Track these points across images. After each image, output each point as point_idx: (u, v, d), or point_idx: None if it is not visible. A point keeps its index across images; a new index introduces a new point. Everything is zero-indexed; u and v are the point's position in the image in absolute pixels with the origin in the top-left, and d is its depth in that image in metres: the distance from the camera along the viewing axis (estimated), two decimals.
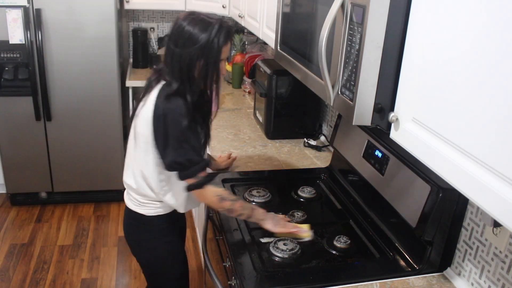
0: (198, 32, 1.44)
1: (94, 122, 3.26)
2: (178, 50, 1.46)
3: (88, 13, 3.01)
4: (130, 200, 1.69)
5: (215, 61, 1.48)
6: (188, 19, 1.47)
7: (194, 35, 1.44)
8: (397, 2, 1.02)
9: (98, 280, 2.74)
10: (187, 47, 1.44)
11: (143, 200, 1.64)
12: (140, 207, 1.66)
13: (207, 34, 1.44)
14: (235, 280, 1.43)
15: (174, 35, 1.47)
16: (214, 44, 1.45)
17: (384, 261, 1.52)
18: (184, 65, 1.46)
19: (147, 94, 1.52)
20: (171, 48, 1.48)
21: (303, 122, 2.47)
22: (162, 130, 1.46)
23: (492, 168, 0.79)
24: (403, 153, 1.55)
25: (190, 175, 1.50)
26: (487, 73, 0.79)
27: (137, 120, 1.53)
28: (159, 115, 1.45)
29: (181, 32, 1.45)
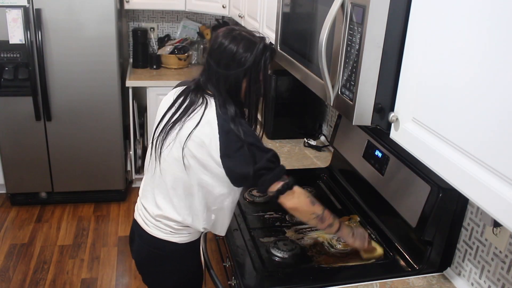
0: (242, 52, 1.38)
1: (94, 122, 3.26)
2: (221, 71, 1.40)
3: (88, 13, 3.01)
4: (157, 229, 1.51)
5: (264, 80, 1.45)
6: (229, 36, 1.40)
7: (238, 56, 1.38)
8: (397, 2, 1.02)
9: (98, 280, 2.74)
10: (232, 69, 1.39)
11: (176, 226, 1.49)
12: (171, 235, 1.50)
13: (252, 54, 1.39)
14: (235, 280, 1.43)
15: (216, 54, 1.41)
16: (261, 65, 1.41)
17: (384, 261, 1.52)
18: (232, 85, 1.41)
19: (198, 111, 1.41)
20: (213, 68, 1.41)
21: (303, 122, 2.47)
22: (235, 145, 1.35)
23: (492, 168, 0.79)
24: (403, 153, 1.55)
25: (277, 176, 1.37)
26: (487, 73, 0.79)
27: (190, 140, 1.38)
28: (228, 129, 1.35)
29: (223, 51, 1.39)
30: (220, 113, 1.38)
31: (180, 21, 3.91)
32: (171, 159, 1.42)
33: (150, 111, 3.38)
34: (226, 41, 1.39)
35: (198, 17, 3.94)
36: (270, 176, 1.36)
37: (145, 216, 1.54)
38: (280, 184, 1.37)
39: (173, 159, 1.42)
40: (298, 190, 1.40)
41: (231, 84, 1.40)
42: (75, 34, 3.04)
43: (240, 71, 1.38)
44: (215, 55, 1.40)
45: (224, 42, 1.39)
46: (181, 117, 1.42)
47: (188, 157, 1.39)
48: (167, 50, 3.69)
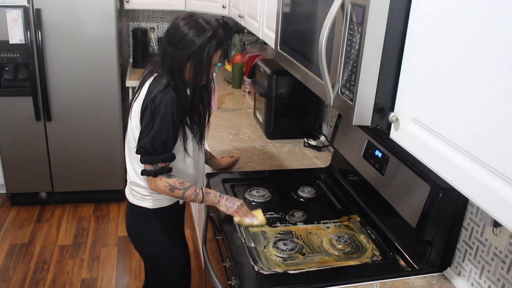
0: (191, 36, 1.49)
1: (94, 122, 3.26)
2: (170, 49, 1.52)
3: (88, 13, 3.01)
4: (132, 195, 1.72)
5: (206, 67, 1.54)
6: (185, 20, 1.52)
7: (187, 38, 1.49)
8: (397, 2, 1.02)
9: (98, 280, 2.74)
10: (179, 49, 1.50)
11: (145, 192, 1.68)
12: (142, 201, 1.70)
13: (199, 39, 1.49)
14: (235, 280, 1.43)
15: (170, 33, 1.53)
16: (205, 52, 1.51)
17: (384, 261, 1.52)
18: (175, 65, 1.52)
19: (142, 86, 1.60)
20: (165, 45, 1.54)
21: (303, 122, 2.47)
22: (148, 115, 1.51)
23: (492, 168, 0.79)
24: (403, 153, 1.55)
25: (150, 161, 1.55)
26: (488, 73, 0.79)
27: (132, 111, 1.60)
28: (149, 101, 1.51)
29: (176, 31, 1.51)
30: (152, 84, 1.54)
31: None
32: (128, 129, 1.64)
33: None
34: (181, 22, 1.52)
35: None
36: (146, 158, 1.55)
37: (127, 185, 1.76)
38: (149, 167, 1.57)
39: (129, 129, 1.64)
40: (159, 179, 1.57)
41: (175, 63, 1.52)
42: (75, 34, 3.04)
43: (185, 53, 1.50)
44: (168, 34, 1.54)
45: (179, 23, 1.52)
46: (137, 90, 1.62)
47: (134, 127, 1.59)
48: None
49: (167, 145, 1.55)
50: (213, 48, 1.52)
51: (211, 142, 2.35)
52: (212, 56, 1.53)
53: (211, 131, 2.51)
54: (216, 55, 1.55)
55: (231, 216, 1.66)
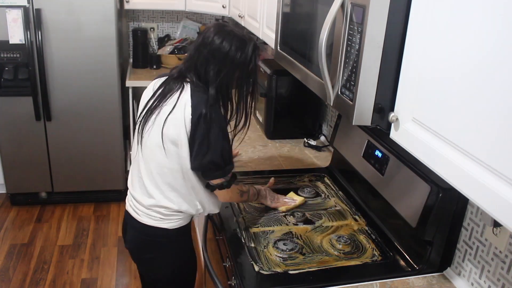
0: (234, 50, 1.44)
1: (94, 122, 3.26)
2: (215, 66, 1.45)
3: (88, 13, 3.01)
4: (147, 216, 1.55)
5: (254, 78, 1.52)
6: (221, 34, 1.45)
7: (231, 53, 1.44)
8: (397, 2, 1.02)
9: (98, 280, 2.74)
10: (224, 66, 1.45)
11: (167, 213, 1.53)
12: (161, 222, 1.54)
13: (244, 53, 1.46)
14: (235, 280, 1.43)
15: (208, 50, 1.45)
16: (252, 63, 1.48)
17: (384, 261, 1.52)
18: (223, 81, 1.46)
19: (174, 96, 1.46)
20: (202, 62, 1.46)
21: (303, 122, 2.47)
22: (203, 129, 1.41)
23: (492, 168, 0.79)
24: (403, 153, 1.55)
25: (223, 174, 1.49)
26: (488, 73, 0.79)
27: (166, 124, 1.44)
28: (201, 114, 1.40)
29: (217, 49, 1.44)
30: (194, 94, 1.44)
31: (180, 21, 3.91)
32: (152, 145, 1.48)
33: None
34: (218, 38, 1.44)
35: (198, 17, 3.94)
36: (217, 173, 1.48)
37: (136, 206, 1.57)
38: (221, 181, 1.51)
39: (154, 145, 1.47)
40: (233, 188, 1.57)
41: (222, 80, 1.45)
42: (75, 34, 3.04)
43: (231, 69, 1.45)
44: (207, 51, 1.45)
45: (216, 39, 1.44)
46: (158, 103, 1.47)
47: (167, 141, 1.44)
48: (167, 50, 3.69)
49: (231, 154, 1.52)
50: (258, 57, 1.51)
51: None
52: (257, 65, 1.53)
53: None
54: None
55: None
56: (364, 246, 1.58)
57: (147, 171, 1.52)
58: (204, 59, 1.45)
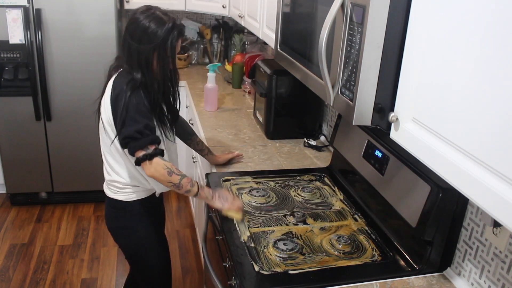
0: (153, 28, 1.55)
1: (94, 122, 3.25)
2: (134, 44, 1.58)
3: (88, 13, 3.01)
4: (108, 189, 1.78)
5: (171, 56, 1.62)
6: (144, 13, 1.58)
7: (149, 31, 1.55)
8: (397, 2, 1.02)
9: (98, 280, 2.74)
10: (143, 43, 1.56)
11: (120, 185, 1.73)
12: (118, 194, 1.75)
13: (162, 31, 1.56)
14: (235, 280, 1.43)
15: (131, 28, 1.59)
16: (168, 42, 1.58)
17: (384, 261, 1.52)
18: (142, 59, 1.58)
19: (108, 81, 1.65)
20: (128, 41, 1.60)
21: (303, 122, 2.47)
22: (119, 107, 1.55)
23: (492, 168, 0.79)
24: (403, 153, 1.55)
25: (139, 146, 1.55)
26: (487, 73, 0.79)
27: (100, 107, 1.65)
28: (117, 94, 1.56)
29: (137, 26, 1.57)
30: (117, 78, 1.60)
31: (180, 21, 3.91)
32: (99, 127, 1.71)
33: None
34: (141, 16, 1.57)
35: (198, 17, 3.94)
36: (134, 145, 1.55)
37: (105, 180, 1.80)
38: (141, 153, 1.56)
39: (100, 127, 1.70)
40: (156, 161, 1.57)
41: (142, 57, 1.58)
42: (75, 34, 3.04)
43: (150, 46, 1.56)
44: (130, 29, 1.59)
45: (139, 17, 1.57)
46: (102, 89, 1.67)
47: (104, 123, 1.63)
48: None
49: (151, 127, 1.58)
50: (175, 38, 1.60)
51: (211, 142, 2.36)
52: (175, 45, 1.61)
53: (212, 132, 2.51)
54: (178, 44, 1.63)
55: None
56: (364, 246, 1.58)
57: (102, 151, 1.74)
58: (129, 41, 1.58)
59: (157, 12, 1.59)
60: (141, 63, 1.58)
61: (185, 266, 2.90)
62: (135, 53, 1.58)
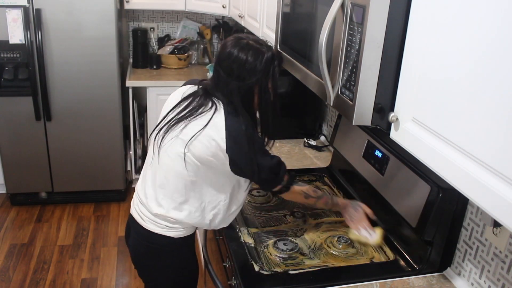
0: (251, 61, 1.40)
1: (94, 122, 3.26)
2: (233, 82, 1.41)
3: (88, 13, 3.01)
4: (153, 223, 1.53)
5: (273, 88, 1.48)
6: (237, 46, 1.42)
7: (247, 66, 1.40)
8: (397, 2, 1.02)
9: (98, 280, 2.74)
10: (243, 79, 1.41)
11: (172, 222, 1.52)
12: (167, 230, 1.53)
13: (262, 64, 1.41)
14: (235, 280, 1.43)
15: (225, 64, 1.42)
16: (270, 73, 1.44)
17: (384, 261, 1.52)
18: (244, 96, 1.43)
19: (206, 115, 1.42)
20: (223, 77, 1.43)
21: (303, 122, 2.47)
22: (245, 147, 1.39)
23: (492, 168, 0.79)
24: (403, 153, 1.55)
25: (278, 182, 1.50)
26: (487, 73, 0.79)
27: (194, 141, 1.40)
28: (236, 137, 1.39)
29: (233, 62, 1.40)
30: (228, 116, 1.40)
31: (180, 21, 3.91)
32: (173, 155, 1.44)
33: (150, 111, 3.38)
34: (235, 50, 1.40)
35: (198, 17, 3.94)
36: (273, 184, 1.51)
37: (142, 212, 1.55)
38: (279, 187, 1.51)
39: (175, 155, 1.44)
40: (293, 189, 1.55)
41: (244, 94, 1.42)
42: (75, 34, 3.04)
43: (251, 81, 1.41)
44: (225, 65, 1.42)
45: (233, 51, 1.40)
46: (187, 116, 1.44)
47: (191, 156, 1.41)
48: (167, 50, 3.69)
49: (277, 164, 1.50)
50: (277, 67, 1.46)
51: None
52: (277, 76, 1.48)
53: None
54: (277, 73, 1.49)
55: None
56: (364, 246, 1.58)
57: (162, 180, 1.49)
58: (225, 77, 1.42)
59: (250, 42, 1.43)
60: (243, 100, 1.43)
61: None
62: (235, 91, 1.41)
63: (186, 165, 1.43)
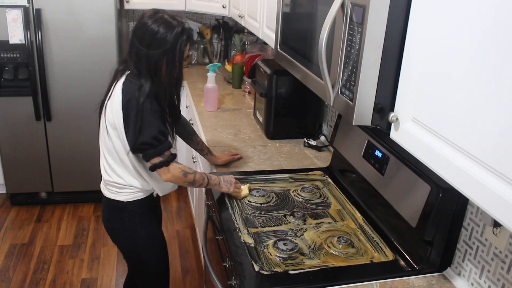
0: (162, 33, 1.54)
1: (94, 122, 3.24)
2: (143, 49, 1.56)
3: (88, 13, 3.01)
4: (106, 189, 1.77)
5: (179, 61, 1.61)
6: (152, 18, 1.56)
7: (158, 36, 1.54)
8: (397, 2, 1.02)
9: (98, 280, 2.74)
10: (152, 48, 1.55)
11: (119, 186, 1.72)
12: (117, 195, 1.74)
13: (171, 36, 1.55)
14: (235, 280, 1.43)
15: (139, 33, 1.57)
16: (177, 47, 1.57)
17: (384, 261, 1.52)
18: (151, 64, 1.57)
19: (114, 84, 1.63)
20: (136, 45, 1.58)
21: (303, 122, 2.47)
22: (133, 113, 1.54)
23: (492, 168, 0.79)
24: (403, 153, 1.55)
25: (157, 153, 1.58)
26: (487, 73, 0.79)
27: (106, 109, 1.63)
28: (129, 99, 1.55)
29: (146, 31, 1.55)
30: (127, 82, 1.58)
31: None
32: (101, 128, 1.70)
33: None
34: (149, 21, 1.56)
35: (198, 17, 3.94)
36: (151, 151, 1.58)
37: (102, 181, 1.79)
38: (159, 159, 1.59)
39: (102, 128, 1.69)
40: (173, 167, 1.62)
41: (151, 62, 1.56)
42: (75, 34, 3.04)
43: (159, 51, 1.55)
44: (138, 34, 1.57)
45: (147, 22, 1.56)
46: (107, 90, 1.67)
47: (108, 125, 1.62)
48: None
49: (165, 133, 1.60)
50: (184, 43, 1.59)
51: (211, 142, 2.35)
52: (184, 50, 1.60)
53: (212, 132, 2.51)
54: (186, 48, 1.62)
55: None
56: (364, 246, 1.58)
57: (102, 150, 1.73)
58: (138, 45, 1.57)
59: (165, 16, 1.58)
60: (150, 68, 1.57)
61: (185, 266, 2.90)
62: (143, 58, 1.57)
63: (109, 134, 1.64)
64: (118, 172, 1.71)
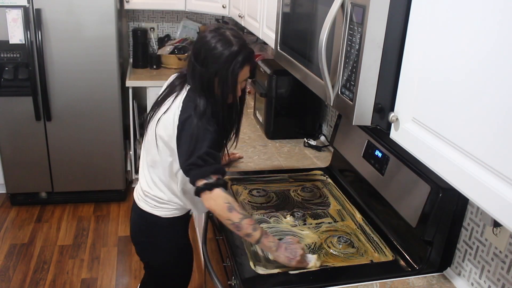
0: (218, 50, 1.42)
1: (94, 122, 3.26)
2: (197, 65, 1.46)
3: (88, 13, 3.01)
4: (144, 202, 1.66)
5: (232, 84, 1.46)
6: (212, 33, 1.45)
7: (213, 53, 1.42)
8: (397, 2, 1.02)
9: (98, 280, 2.74)
10: (206, 65, 1.44)
11: (160, 201, 1.64)
12: (155, 209, 1.65)
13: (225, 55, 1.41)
14: (235, 280, 1.43)
15: (196, 47, 1.48)
16: (230, 68, 1.43)
17: (384, 261, 1.52)
18: (204, 82, 1.46)
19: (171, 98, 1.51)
20: (192, 60, 1.48)
21: (303, 122, 2.47)
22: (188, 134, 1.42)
23: (492, 168, 0.79)
24: (403, 153, 1.55)
25: (202, 174, 1.40)
26: (487, 73, 0.79)
27: (159, 123, 1.51)
28: (186, 118, 1.43)
29: (202, 45, 1.45)
30: (186, 100, 1.47)
31: (180, 21, 3.91)
32: (149, 140, 1.58)
33: None
34: (209, 35, 1.45)
35: (198, 17, 3.94)
36: (196, 172, 1.41)
37: (138, 190, 1.71)
38: (203, 182, 1.40)
39: (150, 140, 1.57)
40: (217, 193, 1.39)
41: (204, 80, 1.46)
42: (75, 34, 3.04)
43: (212, 71, 1.44)
44: (195, 48, 1.48)
45: (206, 35, 1.46)
46: (161, 100, 1.55)
47: (159, 140, 1.53)
48: (167, 50, 3.69)
49: (214, 155, 1.43)
50: (239, 64, 1.44)
51: None
52: (238, 73, 1.45)
53: None
54: (242, 71, 1.46)
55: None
56: (364, 246, 1.58)
57: (145, 162, 1.65)
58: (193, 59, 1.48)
59: (227, 32, 1.45)
60: (203, 87, 1.46)
61: None
62: (197, 75, 1.46)
63: (158, 149, 1.54)
64: (162, 188, 1.61)
